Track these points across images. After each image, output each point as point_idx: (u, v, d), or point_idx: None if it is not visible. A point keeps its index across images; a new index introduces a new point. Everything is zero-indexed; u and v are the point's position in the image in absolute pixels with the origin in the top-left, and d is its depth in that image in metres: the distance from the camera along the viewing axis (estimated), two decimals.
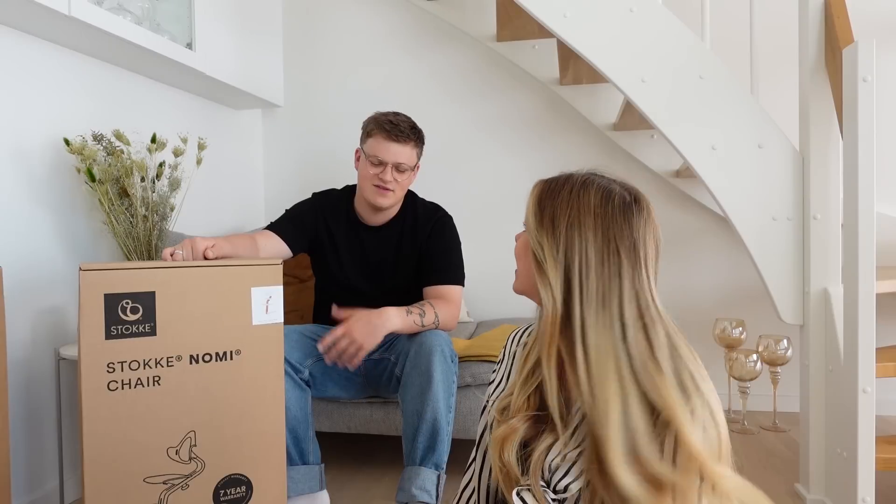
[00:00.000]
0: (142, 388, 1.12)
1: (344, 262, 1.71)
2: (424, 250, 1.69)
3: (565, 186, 0.77)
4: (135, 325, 1.11)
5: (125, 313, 1.10)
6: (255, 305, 1.23)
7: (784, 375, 2.20)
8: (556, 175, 0.80)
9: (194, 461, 1.18)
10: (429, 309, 1.56)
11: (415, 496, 1.39)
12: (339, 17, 2.71)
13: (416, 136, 1.65)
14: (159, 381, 1.14)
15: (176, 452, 1.16)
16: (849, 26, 1.46)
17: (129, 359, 1.11)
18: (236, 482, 1.22)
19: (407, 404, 1.46)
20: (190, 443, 1.17)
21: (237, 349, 1.21)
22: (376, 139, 1.62)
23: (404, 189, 1.68)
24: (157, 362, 1.13)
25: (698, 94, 1.62)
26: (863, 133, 1.34)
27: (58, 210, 1.66)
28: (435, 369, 1.43)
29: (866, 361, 1.35)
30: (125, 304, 1.10)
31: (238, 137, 2.60)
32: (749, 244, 1.61)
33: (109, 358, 1.09)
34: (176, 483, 1.16)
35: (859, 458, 1.36)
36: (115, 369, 1.09)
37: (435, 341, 1.47)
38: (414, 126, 1.66)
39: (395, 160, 1.60)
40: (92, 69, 1.79)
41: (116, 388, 1.10)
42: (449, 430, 1.47)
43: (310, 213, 1.72)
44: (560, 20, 1.66)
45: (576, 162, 2.63)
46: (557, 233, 0.74)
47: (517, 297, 2.53)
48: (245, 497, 1.24)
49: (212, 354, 1.19)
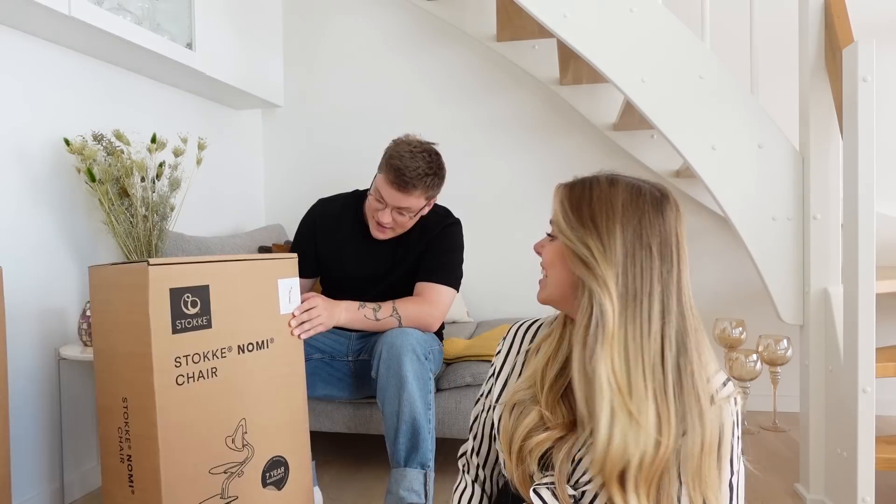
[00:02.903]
0: (203, 380, 1.15)
1: (349, 268, 1.70)
2: (425, 250, 1.68)
3: (594, 186, 0.76)
4: (195, 319, 1.14)
5: (187, 307, 1.12)
6: (282, 296, 1.31)
7: (784, 375, 2.20)
8: (576, 178, 0.80)
9: (246, 448, 1.22)
10: (386, 305, 1.56)
11: (403, 498, 1.39)
12: (340, 17, 2.71)
13: (425, 185, 1.54)
14: (216, 373, 1.17)
15: (232, 441, 1.19)
16: (849, 26, 1.46)
17: (191, 352, 1.13)
18: (277, 464, 1.28)
19: (385, 406, 1.46)
20: (242, 430, 1.21)
21: (270, 338, 1.28)
22: (383, 178, 1.55)
23: (406, 227, 1.64)
24: (214, 354, 1.17)
25: (698, 94, 1.62)
26: (863, 133, 1.34)
27: (58, 210, 1.66)
28: (406, 369, 1.43)
29: (866, 361, 1.35)
30: (186, 297, 1.12)
31: (238, 137, 2.60)
32: (749, 244, 1.61)
33: (177, 352, 1.11)
34: (233, 471, 1.19)
35: (859, 458, 1.36)
36: (181, 363, 1.11)
37: (405, 341, 1.46)
38: (428, 172, 1.54)
39: (395, 205, 1.56)
40: (92, 69, 1.79)
41: (183, 383, 1.12)
42: (430, 427, 1.47)
43: (307, 234, 1.73)
44: (560, 20, 1.66)
45: (576, 162, 2.64)
46: (602, 232, 0.73)
47: (517, 297, 2.55)
48: (284, 477, 1.30)
49: (254, 343, 1.24)
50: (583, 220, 0.74)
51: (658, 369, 0.70)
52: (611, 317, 0.70)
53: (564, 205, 0.77)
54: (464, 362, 1.78)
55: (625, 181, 0.76)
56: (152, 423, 1.07)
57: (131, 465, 1.11)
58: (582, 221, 0.74)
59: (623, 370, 0.69)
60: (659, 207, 0.74)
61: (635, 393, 0.69)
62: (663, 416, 0.68)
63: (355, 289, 1.66)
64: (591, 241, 0.73)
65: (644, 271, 0.71)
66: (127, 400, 1.11)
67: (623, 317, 0.70)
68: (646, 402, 0.68)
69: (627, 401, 0.68)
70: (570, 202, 0.77)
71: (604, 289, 0.71)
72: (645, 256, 0.72)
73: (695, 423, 0.68)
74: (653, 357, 0.70)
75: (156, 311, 1.07)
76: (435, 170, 1.56)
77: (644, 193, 0.74)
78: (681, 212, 0.76)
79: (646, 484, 0.68)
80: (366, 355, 1.65)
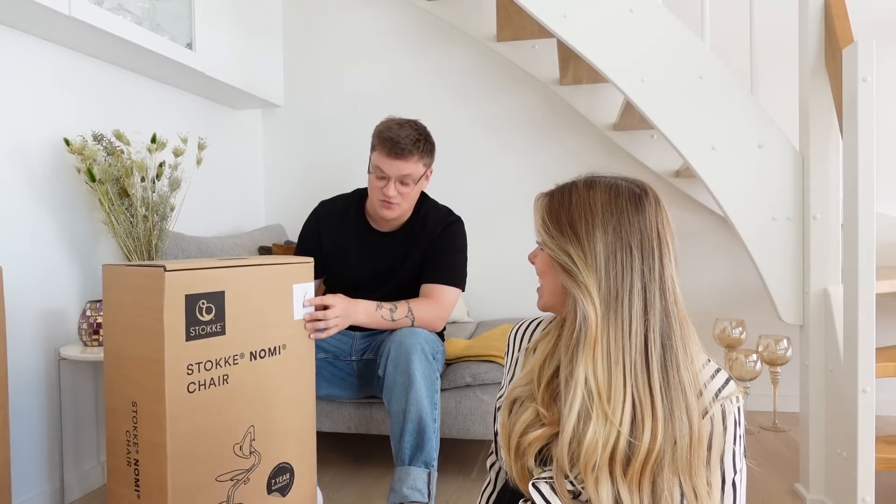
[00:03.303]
0: (214, 387, 1.14)
1: (353, 266, 1.71)
2: (428, 251, 1.69)
3: (573, 192, 0.77)
4: (209, 326, 1.12)
5: (201, 314, 1.11)
6: (296, 301, 1.30)
7: (784, 375, 2.20)
8: (556, 186, 0.80)
9: (253, 455, 1.21)
10: (402, 305, 1.57)
11: (406, 496, 1.40)
12: (340, 18, 2.71)
13: (420, 149, 1.58)
14: (227, 380, 1.16)
15: (240, 448, 1.19)
16: (849, 26, 1.46)
17: (204, 359, 1.12)
18: (283, 470, 1.28)
19: (391, 404, 1.47)
20: (250, 437, 1.20)
21: (283, 344, 1.27)
22: (379, 153, 1.59)
23: (412, 200, 1.66)
24: (226, 361, 1.16)
25: (698, 94, 1.62)
26: (863, 133, 1.34)
27: (58, 210, 1.66)
28: (415, 368, 1.44)
29: (866, 361, 1.35)
30: (201, 304, 1.11)
31: (238, 137, 2.60)
32: (749, 244, 1.61)
33: (189, 360, 1.09)
34: (239, 478, 1.19)
35: (859, 458, 1.36)
36: (193, 371, 1.10)
37: (414, 340, 1.47)
38: (419, 138, 1.59)
39: (397, 174, 1.58)
40: (92, 69, 1.79)
41: (195, 390, 1.11)
42: (435, 427, 1.47)
43: (311, 236, 1.74)
44: (560, 20, 1.66)
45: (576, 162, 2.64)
46: (581, 238, 0.73)
47: (517, 297, 2.55)
48: (289, 484, 1.29)
49: (266, 350, 1.23)
50: (562, 228, 0.75)
51: (641, 367, 0.70)
52: (593, 322, 0.71)
53: (543, 215, 0.78)
54: (464, 362, 1.78)
55: (603, 182, 0.76)
56: (161, 430, 1.07)
57: (138, 470, 1.10)
58: (561, 230, 0.75)
59: (604, 372, 0.70)
60: (638, 204, 0.74)
61: (614, 394, 0.70)
62: (645, 414, 0.69)
63: (361, 287, 1.67)
64: (572, 248, 0.74)
65: (625, 271, 0.72)
66: (136, 404, 1.10)
67: (606, 320, 0.71)
68: (622, 403, 0.69)
69: (604, 403, 0.69)
70: (549, 212, 0.78)
71: (586, 295, 0.72)
72: (625, 256, 0.72)
73: (682, 417, 0.69)
74: (635, 355, 0.71)
75: (170, 317, 1.06)
76: (425, 135, 1.62)
77: (622, 192, 0.75)
78: (662, 205, 0.76)
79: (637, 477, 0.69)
80: (370, 354, 1.65)
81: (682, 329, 0.72)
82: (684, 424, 0.69)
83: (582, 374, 0.71)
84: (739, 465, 0.72)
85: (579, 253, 0.73)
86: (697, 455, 0.69)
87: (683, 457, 0.69)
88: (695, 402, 0.70)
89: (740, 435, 0.73)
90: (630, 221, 0.73)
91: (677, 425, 0.69)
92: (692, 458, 0.69)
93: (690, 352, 0.72)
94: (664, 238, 0.74)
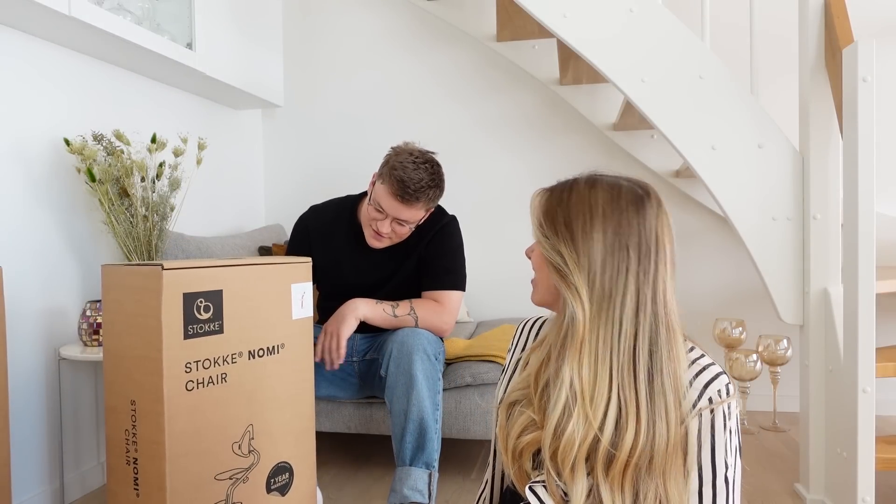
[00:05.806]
0: (212, 386, 1.14)
1: (348, 275, 1.70)
2: (424, 256, 1.68)
3: (573, 189, 0.76)
4: (207, 324, 1.13)
5: (199, 312, 1.11)
6: (294, 300, 1.31)
7: (784, 375, 2.20)
8: (557, 182, 0.79)
9: (252, 454, 1.22)
10: (403, 304, 1.57)
11: (407, 497, 1.39)
12: (340, 17, 2.71)
13: (427, 197, 1.54)
14: (226, 379, 1.16)
15: (239, 447, 1.19)
16: (849, 26, 1.46)
17: (202, 358, 1.12)
18: (282, 470, 1.28)
19: (393, 405, 1.47)
20: (249, 436, 1.21)
21: (282, 343, 1.28)
22: (384, 189, 1.53)
23: (403, 238, 1.63)
24: (224, 360, 1.16)
25: (698, 94, 1.62)
26: (863, 133, 1.34)
27: (58, 210, 1.66)
28: (417, 368, 1.44)
29: (866, 361, 1.35)
30: (199, 302, 1.11)
31: (238, 137, 2.60)
32: (749, 244, 1.61)
33: (187, 358, 1.10)
34: (238, 477, 1.19)
35: (859, 458, 1.36)
36: (191, 369, 1.11)
37: (416, 340, 1.47)
38: (430, 185, 1.53)
39: (396, 216, 1.55)
40: (92, 69, 1.79)
41: (193, 389, 1.11)
42: (437, 427, 1.47)
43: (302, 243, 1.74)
44: (560, 20, 1.66)
45: (576, 161, 2.65)
46: (577, 238, 0.73)
47: (517, 297, 2.55)
48: (289, 484, 1.29)
49: (265, 349, 1.24)
50: (556, 227, 0.75)
51: (628, 369, 0.71)
52: (581, 323, 0.71)
53: (538, 212, 0.78)
54: (464, 362, 1.78)
55: (605, 182, 0.76)
56: (160, 429, 1.07)
57: (137, 469, 1.10)
58: (555, 229, 0.75)
59: (589, 371, 0.71)
60: (639, 206, 0.74)
61: (598, 394, 0.70)
62: (629, 415, 0.69)
63: (357, 296, 1.66)
64: (564, 248, 0.73)
65: (619, 272, 0.72)
66: (135, 403, 1.10)
67: (595, 321, 0.71)
68: (606, 404, 0.70)
69: (586, 402, 0.70)
70: (544, 209, 0.77)
71: (575, 296, 0.72)
72: (622, 257, 0.72)
73: (662, 420, 0.69)
74: (622, 357, 0.71)
75: (168, 315, 1.06)
76: (437, 182, 1.57)
77: (624, 193, 0.74)
78: (663, 208, 0.75)
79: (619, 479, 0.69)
80: (372, 354, 1.65)
81: (668, 334, 0.72)
82: (662, 428, 0.69)
83: (567, 372, 0.71)
84: (732, 461, 0.72)
85: (572, 254, 0.73)
86: (673, 462, 0.69)
87: (659, 461, 0.69)
88: (674, 409, 0.70)
89: (731, 428, 0.72)
90: (630, 223, 0.72)
91: (658, 429, 0.69)
92: (666, 464, 0.69)
93: (674, 357, 0.72)
94: (662, 242, 0.74)
